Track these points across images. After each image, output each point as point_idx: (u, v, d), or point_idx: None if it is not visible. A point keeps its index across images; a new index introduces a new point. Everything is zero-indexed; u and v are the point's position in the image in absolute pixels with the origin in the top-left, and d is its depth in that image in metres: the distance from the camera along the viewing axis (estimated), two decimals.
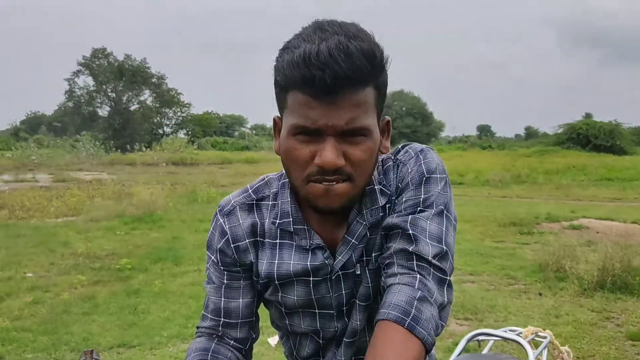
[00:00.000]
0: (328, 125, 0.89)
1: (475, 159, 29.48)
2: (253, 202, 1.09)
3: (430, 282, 0.92)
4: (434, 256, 0.94)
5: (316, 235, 1.04)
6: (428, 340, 0.86)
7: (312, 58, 0.84)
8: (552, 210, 11.05)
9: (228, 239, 1.08)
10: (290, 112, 0.92)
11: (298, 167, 0.94)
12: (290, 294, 1.07)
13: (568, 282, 5.67)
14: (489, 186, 17.21)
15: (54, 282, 5.86)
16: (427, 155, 1.04)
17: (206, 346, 1.08)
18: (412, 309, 0.87)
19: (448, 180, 1.03)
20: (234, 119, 68.86)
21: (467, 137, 59.28)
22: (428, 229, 0.95)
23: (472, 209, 11.71)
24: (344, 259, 1.03)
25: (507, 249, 7.61)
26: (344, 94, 0.87)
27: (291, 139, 0.92)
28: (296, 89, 0.88)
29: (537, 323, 4.59)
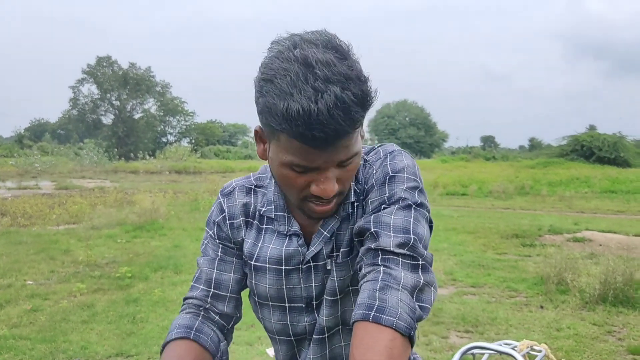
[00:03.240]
0: (326, 162, 0.93)
1: (478, 169, 29.47)
2: (252, 186, 1.16)
3: (397, 270, 0.91)
4: (397, 245, 0.93)
5: (295, 223, 1.09)
6: (399, 325, 0.84)
7: (312, 119, 0.84)
8: (554, 222, 11.02)
9: (225, 216, 1.15)
10: (284, 149, 0.92)
11: (294, 191, 0.98)
12: (262, 282, 1.11)
13: (570, 295, 5.63)
14: (492, 197, 17.16)
15: (54, 290, 5.85)
16: (396, 157, 1.04)
17: (190, 323, 1.08)
18: (375, 301, 0.87)
19: (421, 186, 1.03)
20: (237, 128, 69.07)
21: (471, 148, 59.25)
22: (392, 223, 0.96)
23: (475, 220, 11.68)
24: (316, 250, 1.07)
25: (510, 261, 7.57)
26: (341, 140, 0.90)
27: (285, 168, 0.95)
28: (293, 137, 0.89)
29: (538, 336, 4.56)
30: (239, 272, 1.15)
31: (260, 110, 0.92)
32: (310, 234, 1.09)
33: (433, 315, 5.08)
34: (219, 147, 52.39)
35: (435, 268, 4.19)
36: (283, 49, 0.90)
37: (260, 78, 0.91)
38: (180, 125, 55.56)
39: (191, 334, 1.06)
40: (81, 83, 50.21)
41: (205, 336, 1.08)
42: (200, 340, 1.06)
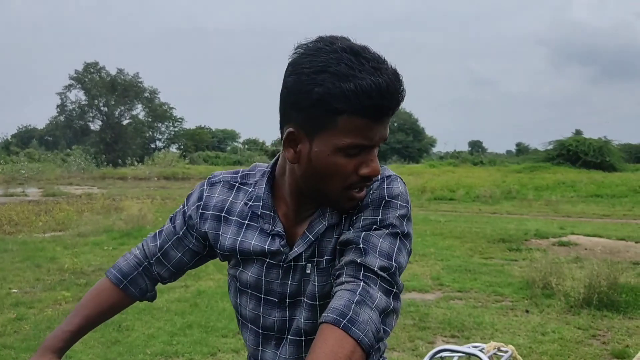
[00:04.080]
0: (378, 140, 1.02)
1: (466, 174, 29.61)
2: (236, 183, 1.21)
3: (374, 289, 0.98)
4: (380, 268, 1.00)
5: (280, 223, 1.14)
6: (364, 341, 0.91)
7: (382, 91, 0.95)
8: (541, 226, 11.11)
9: (200, 205, 1.21)
10: (341, 133, 0.98)
11: (340, 179, 1.03)
12: (247, 270, 1.17)
13: (555, 299, 5.68)
14: (479, 202, 17.27)
15: (39, 298, 5.81)
16: (393, 182, 1.11)
17: (128, 271, 1.28)
18: (349, 312, 0.93)
19: (409, 214, 1.10)
20: (226, 134, 68.96)
21: (459, 153, 59.53)
22: (379, 246, 1.03)
23: (462, 224, 11.74)
24: (299, 251, 1.12)
25: (496, 266, 7.62)
26: (393, 113, 1.02)
27: (337, 155, 1.00)
28: (357, 114, 0.96)
29: (523, 340, 4.60)
30: (187, 256, 1.26)
31: (315, 102, 0.97)
32: (291, 236, 1.14)
33: (420, 320, 5.11)
34: (207, 152, 52.23)
35: (422, 273, 4.27)
36: (322, 46, 0.98)
37: (308, 73, 0.97)
38: (168, 131, 55.45)
39: (122, 283, 1.27)
40: (68, 89, 49.96)
41: (135, 287, 1.29)
42: (128, 291, 1.28)
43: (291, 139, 1.04)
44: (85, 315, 1.25)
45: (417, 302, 5.74)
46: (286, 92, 1.03)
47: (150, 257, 1.28)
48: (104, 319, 1.30)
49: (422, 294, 6.14)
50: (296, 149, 1.04)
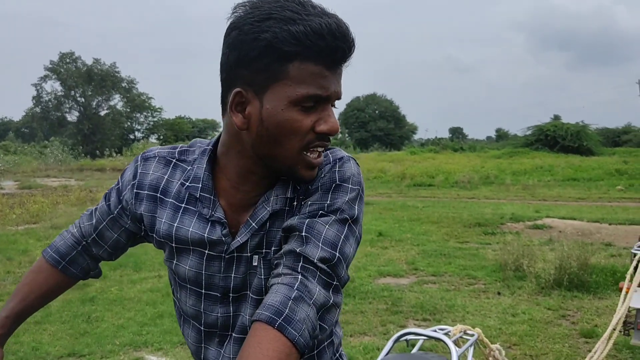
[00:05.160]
0: (334, 93, 0.95)
1: (446, 160, 29.73)
2: (173, 159, 1.09)
3: (312, 283, 0.90)
4: (320, 259, 0.92)
5: (220, 209, 1.03)
6: (299, 342, 0.84)
7: (335, 30, 0.90)
8: (516, 210, 11.21)
9: (134, 184, 1.09)
10: (294, 82, 0.91)
11: (297, 138, 0.94)
12: (184, 263, 1.06)
13: (526, 281, 5.73)
14: (457, 188, 17.36)
15: (8, 291, 5.70)
16: (345, 164, 1.02)
17: (67, 252, 1.21)
18: (285, 309, 0.85)
19: (362, 195, 1.02)
20: (206, 124, 68.35)
21: (439, 140, 59.75)
22: (324, 234, 0.95)
23: (440, 210, 11.80)
24: (242, 241, 1.02)
25: (471, 250, 7.67)
26: (347, 60, 0.96)
27: (292, 110, 0.92)
28: (309, 59, 0.90)
29: (493, 322, 4.63)
30: (123, 237, 1.17)
31: (263, 50, 0.89)
32: (233, 223, 1.04)
33: (392, 304, 5.12)
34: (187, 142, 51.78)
35: (397, 258, 4.26)
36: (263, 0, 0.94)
37: (252, 22, 0.90)
38: (147, 121, 54.69)
39: (61, 264, 1.20)
40: (44, 80, 48.96)
41: (75, 267, 1.22)
42: (68, 272, 1.21)
43: (238, 102, 0.95)
44: (23, 300, 1.18)
45: (391, 286, 5.75)
46: (228, 52, 0.94)
47: (87, 237, 1.19)
48: (46, 302, 1.23)
49: (397, 279, 6.15)
50: (245, 113, 0.95)
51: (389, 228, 9.44)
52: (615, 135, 42.74)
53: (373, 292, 5.52)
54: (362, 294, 5.44)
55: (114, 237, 1.17)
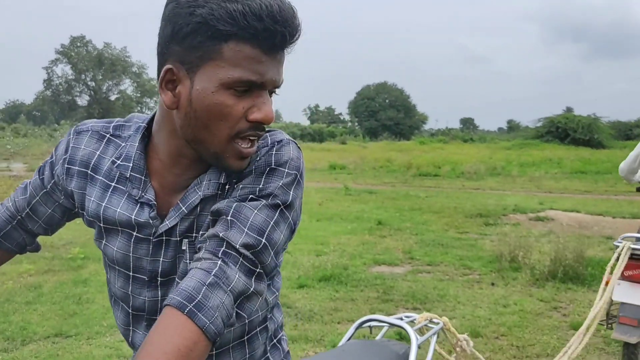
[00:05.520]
0: (271, 80, 0.89)
1: (454, 151, 29.62)
2: (107, 134, 1.05)
3: (232, 269, 0.86)
4: (244, 245, 0.88)
5: (151, 190, 0.99)
6: (209, 329, 0.80)
7: (276, 13, 0.84)
8: (520, 202, 11.12)
9: (66, 158, 1.05)
10: (227, 64, 0.86)
11: (226, 124, 0.89)
12: (112, 244, 1.03)
13: (521, 272, 5.68)
14: (463, 178, 17.27)
15: (3, 271, 5.73)
16: (283, 147, 0.98)
17: (1, 226, 1.14)
18: (198, 295, 0.81)
19: (299, 180, 0.97)
20: None
21: (449, 130, 59.47)
22: (251, 219, 0.90)
23: (443, 200, 11.73)
24: (170, 224, 0.98)
25: (470, 240, 7.62)
26: (285, 50, 0.90)
27: (223, 93, 0.87)
28: (246, 41, 0.85)
29: (483, 312, 4.60)
30: (58, 212, 1.13)
31: (196, 27, 0.84)
32: (164, 205, 1.00)
33: (384, 292, 5.10)
34: None
35: (394, 247, 4.20)
36: None
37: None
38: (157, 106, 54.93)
39: None
40: (55, 63, 49.27)
41: (11, 242, 1.16)
42: (2, 246, 1.15)
43: (169, 79, 0.90)
44: None
45: (385, 275, 5.73)
46: (164, 25, 0.89)
47: (21, 212, 1.14)
48: None
49: (391, 267, 6.13)
50: (175, 92, 0.90)
51: (389, 217, 9.41)
52: (627, 128, 42.29)
53: (366, 280, 5.49)
54: (354, 281, 5.42)
55: (48, 212, 1.13)
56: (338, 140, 49.63)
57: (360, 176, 18.21)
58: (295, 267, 5.83)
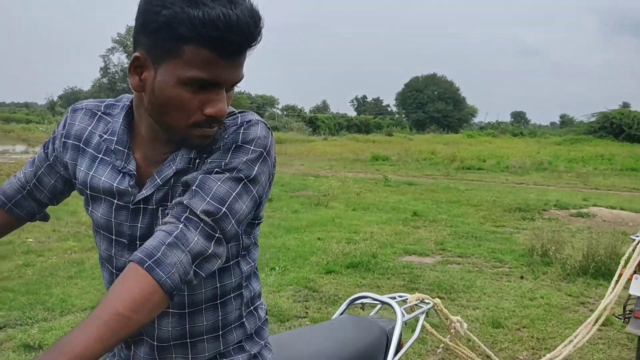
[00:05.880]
0: (226, 80, 0.99)
1: (502, 145, 29.05)
2: (99, 112, 1.17)
3: (192, 233, 0.96)
4: (204, 212, 0.98)
5: (133, 162, 1.10)
6: (166, 283, 0.90)
7: (232, 23, 0.92)
8: (562, 197, 10.88)
9: (63, 134, 1.18)
10: (185, 63, 0.96)
11: (183, 115, 1.00)
12: (97, 210, 1.14)
13: (553, 267, 5.63)
14: (508, 172, 16.95)
15: (50, 247, 6.09)
16: (251, 127, 1.06)
17: (12, 194, 1.27)
18: (157, 253, 0.92)
19: (265, 157, 1.06)
20: (265, 100, 69.07)
21: (499, 124, 58.20)
22: (214, 189, 1.00)
23: (483, 193, 11.60)
24: (146, 194, 1.08)
25: (505, 234, 7.55)
26: (244, 54, 0.99)
27: (180, 88, 0.98)
28: (203, 46, 0.94)
29: (508, 304, 4.60)
30: (60, 183, 1.25)
31: (161, 25, 0.94)
32: (144, 175, 1.10)
33: (410, 281, 5.15)
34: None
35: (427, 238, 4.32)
36: None
37: None
38: None
39: (7, 206, 1.27)
40: (111, 52, 50.76)
41: (21, 210, 1.27)
42: (13, 213, 1.27)
43: (137, 65, 1.01)
44: None
45: (414, 264, 5.77)
46: (137, 15, 0.98)
47: (29, 182, 1.27)
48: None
49: (421, 258, 6.16)
50: (141, 77, 1.01)
51: (426, 209, 9.39)
52: None
53: (394, 268, 5.55)
54: (382, 269, 5.49)
55: (51, 182, 1.25)
56: (384, 132, 49.32)
57: (403, 168, 18.13)
58: (325, 253, 5.95)
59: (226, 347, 1.20)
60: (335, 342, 1.57)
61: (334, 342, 1.57)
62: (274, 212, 8.73)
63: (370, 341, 1.61)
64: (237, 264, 1.17)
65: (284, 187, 11.67)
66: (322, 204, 9.51)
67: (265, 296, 4.59)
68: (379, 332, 1.66)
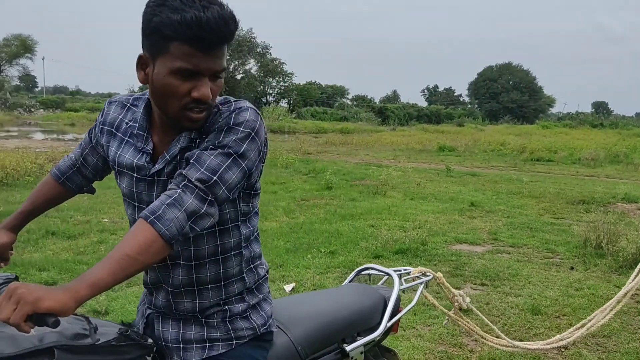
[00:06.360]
0: (206, 69, 1.23)
1: (578, 136, 28.02)
2: (128, 104, 1.45)
3: (188, 196, 1.21)
4: (198, 180, 1.23)
5: (151, 143, 1.37)
6: (165, 234, 1.16)
7: (203, 24, 1.17)
8: (633, 190, 10.49)
9: (100, 122, 1.48)
10: (172, 57, 1.21)
11: (176, 99, 1.25)
12: (122, 182, 1.42)
13: (605, 258, 5.57)
14: (580, 165, 16.41)
15: (122, 227, 6.61)
16: (242, 112, 1.31)
17: (65, 170, 1.62)
18: (159, 211, 1.18)
19: (254, 137, 1.30)
20: (335, 90, 69.41)
21: (579, 114, 55.82)
22: (207, 162, 1.25)
23: (548, 185, 11.36)
24: (158, 167, 1.35)
25: (563, 225, 7.45)
26: (219, 48, 1.23)
27: (171, 77, 1.23)
28: (184, 42, 1.19)
29: (552, 293, 4.65)
30: (100, 162, 1.56)
31: (153, 29, 1.20)
32: (159, 154, 1.36)
33: (456, 268, 5.26)
34: (315, 108, 53.15)
35: (481, 228, 4.62)
36: None
37: (152, 5, 1.21)
38: (279, 86, 56.87)
39: (61, 179, 1.63)
40: None
41: (72, 183, 1.63)
42: (65, 185, 1.63)
43: (142, 62, 1.28)
44: (33, 202, 1.63)
45: (463, 252, 5.86)
46: (142, 21, 1.24)
47: (78, 161, 1.59)
48: (50, 206, 1.67)
49: (472, 246, 6.23)
50: (145, 72, 1.28)
51: (485, 199, 9.36)
52: None
53: (442, 255, 5.67)
54: (430, 256, 5.62)
55: (94, 161, 1.57)
56: (455, 122, 48.53)
57: (469, 159, 17.91)
58: (376, 239, 6.13)
59: (228, 296, 1.45)
60: (334, 304, 1.79)
61: (333, 303, 1.79)
62: (332, 200, 9.00)
63: (367, 305, 1.82)
64: (237, 227, 1.42)
65: (345, 176, 11.90)
66: (380, 192, 9.68)
67: (313, 277, 4.86)
68: (377, 298, 1.86)
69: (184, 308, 1.42)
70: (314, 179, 11.46)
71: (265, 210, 7.72)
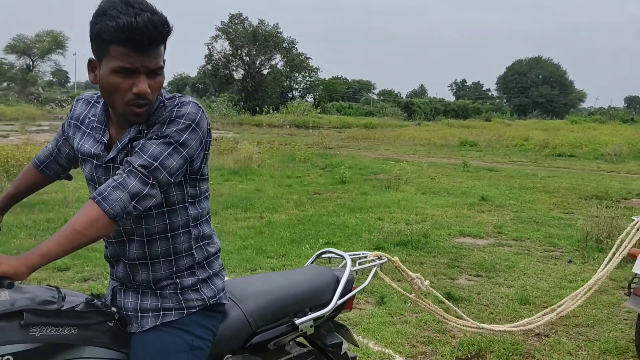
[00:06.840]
0: (142, 67, 1.41)
1: (607, 132, 27.56)
2: (92, 100, 1.66)
3: (131, 179, 1.41)
4: (140, 165, 1.42)
5: (107, 134, 1.57)
6: (109, 212, 1.36)
7: (134, 28, 1.36)
8: None
9: (69, 116, 1.69)
10: (112, 58, 1.40)
11: (119, 95, 1.43)
12: (85, 168, 1.63)
13: (605, 252, 5.62)
14: (601, 160, 16.25)
15: None
16: (184, 106, 1.50)
17: (44, 159, 1.84)
18: (104, 192, 1.38)
19: (194, 127, 1.49)
20: (361, 85, 69.34)
21: (610, 109, 54.71)
22: (150, 150, 1.44)
23: (564, 181, 11.33)
24: (112, 155, 1.55)
25: (570, 220, 7.49)
26: (152, 49, 1.41)
27: (113, 76, 1.41)
28: (120, 44, 1.38)
29: (545, 285, 4.76)
30: (72, 152, 1.75)
31: (96, 35, 1.40)
32: (114, 144, 1.56)
33: (454, 259, 5.39)
34: (341, 103, 53.28)
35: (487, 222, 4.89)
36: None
37: (95, 15, 1.40)
38: (305, 81, 57.06)
39: (40, 167, 1.84)
40: (215, 40, 53.06)
41: (49, 170, 1.85)
42: (44, 173, 1.85)
43: (91, 65, 1.48)
44: (17, 187, 1.87)
45: (464, 245, 5.99)
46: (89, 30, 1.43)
47: (54, 151, 1.81)
48: (32, 191, 1.91)
49: (475, 240, 6.34)
50: (95, 73, 1.46)
51: (497, 194, 9.42)
52: None
53: (443, 248, 5.81)
54: (430, 248, 5.76)
55: (66, 151, 1.78)
56: (482, 117, 48.10)
57: (490, 154, 17.86)
58: (379, 231, 6.30)
59: (179, 269, 1.65)
60: (288, 282, 1.98)
61: (287, 281, 1.98)
62: (344, 193, 9.18)
63: (320, 283, 2.00)
64: (184, 208, 1.62)
65: (361, 171, 12.06)
66: (393, 187, 9.81)
67: None
68: (330, 277, 2.04)
69: (140, 279, 1.63)
70: (329, 173, 11.64)
71: (276, 203, 7.94)
